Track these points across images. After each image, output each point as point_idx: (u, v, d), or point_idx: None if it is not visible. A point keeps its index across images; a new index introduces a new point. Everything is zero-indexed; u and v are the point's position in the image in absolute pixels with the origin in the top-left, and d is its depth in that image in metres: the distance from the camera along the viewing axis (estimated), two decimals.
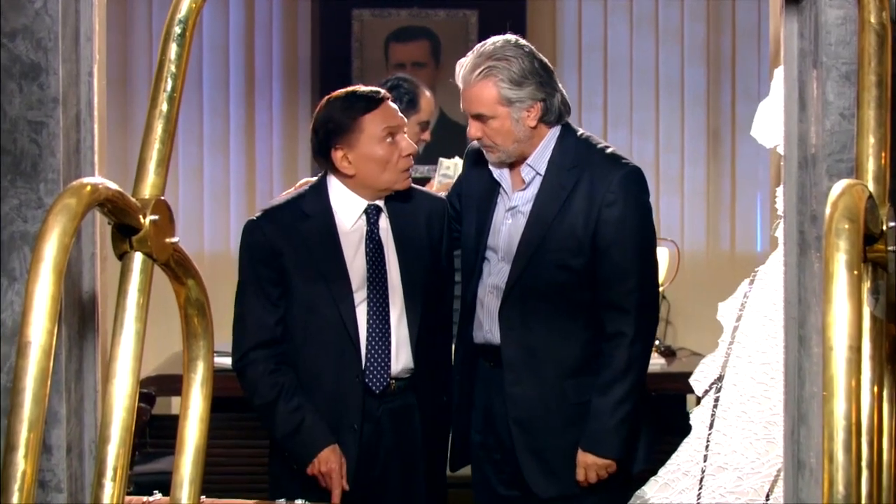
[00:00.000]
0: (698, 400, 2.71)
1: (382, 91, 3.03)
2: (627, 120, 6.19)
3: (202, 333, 1.91)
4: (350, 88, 3.04)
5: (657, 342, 5.30)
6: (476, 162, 3.18)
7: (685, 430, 2.84)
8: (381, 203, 3.04)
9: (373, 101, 2.98)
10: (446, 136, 5.97)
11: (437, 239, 3.12)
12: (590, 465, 2.95)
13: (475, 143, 3.19)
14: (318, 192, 3.05)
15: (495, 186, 3.11)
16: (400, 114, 3.02)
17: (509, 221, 3.05)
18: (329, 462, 2.89)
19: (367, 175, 2.98)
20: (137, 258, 1.57)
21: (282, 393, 2.93)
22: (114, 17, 5.96)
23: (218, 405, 3.63)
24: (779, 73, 2.56)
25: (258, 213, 3.05)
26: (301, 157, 6.09)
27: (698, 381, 2.68)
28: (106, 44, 5.97)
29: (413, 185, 3.14)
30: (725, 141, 6.17)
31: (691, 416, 2.72)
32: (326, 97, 3.04)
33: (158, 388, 4.65)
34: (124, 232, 1.57)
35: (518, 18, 5.94)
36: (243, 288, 3.01)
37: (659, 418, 3.25)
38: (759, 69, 6.11)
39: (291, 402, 2.93)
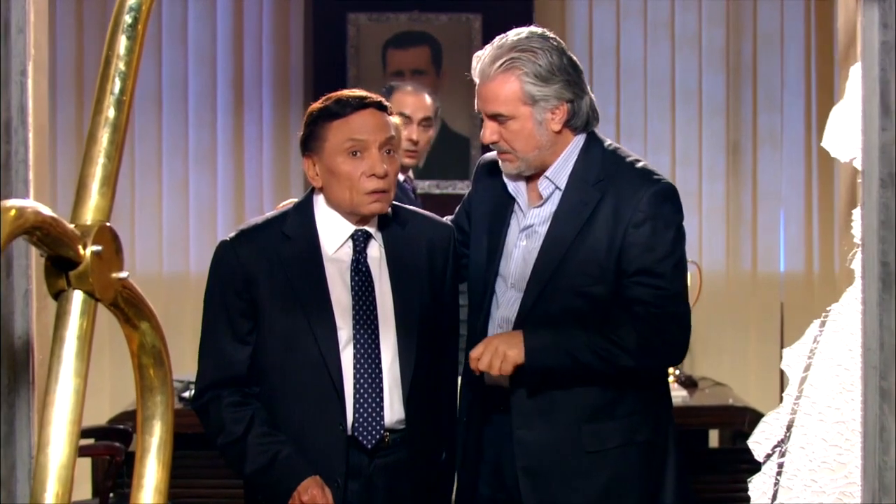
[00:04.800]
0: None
1: (371, 98, 2.74)
2: (642, 132, 6.04)
3: (159, 387, 1.63)
4: (344, 91, 2.78)
5: (677, 372, 5.01)
6: (488, 175, 2.94)
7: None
8: (371, 229, 2.77)
9: (347, 108, 2.70)
10: (449, 149, 5.77)
11: (441, 271, 2.84)
12: (498, 342, 2.67)
13: (487, 155, 2.97)
14: (303, 213, 2.78)
15: (509, 203, 2.86)
16: (388, 130, 2.72)
17: (523, 243, 2.81)
18: (311, 489, 2.61)
19: (333, 192, 2.72)
20: (76, 297, 1.35)
21: (252, 425, 2.68)
22: (92, 9, 5.79)
23: (196, 442, 3.36)
24: (855, 72, 2.20)
25: (232, 234, 2.79)
26: (293, 173, 5.96)
27: (759, 444, 2.30)
28: (84, 41, 5.70)
29: (413, 208, 2.90)
30: (746, 154, 6.03)
31: (749, 485, 2.33)
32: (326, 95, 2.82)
33: (135, 424, 4.36)
34: (60, 266, 1.35)
35: (524, 22, 5.69)
36: (209, 318, 2.77)
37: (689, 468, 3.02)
38: (782, 76, 6.00)
39: (263, 435, 2.68)
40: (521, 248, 2.81)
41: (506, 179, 2.85)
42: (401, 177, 3.97)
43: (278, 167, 5.97)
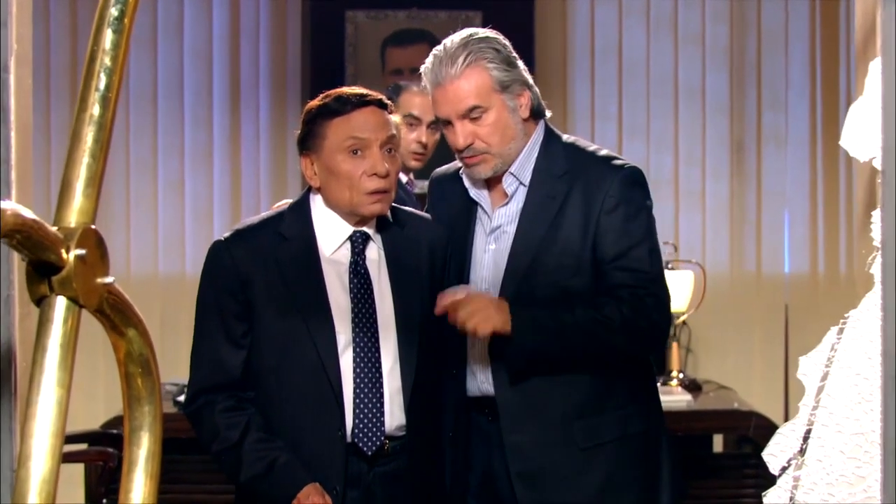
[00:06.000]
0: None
1: (371, 95, 2.67)
2: (644, 130, 5.94)
3: (147, 397, 1.57)
4: (344, 88, 2.71)
5: (680, 375, 4.94)
6: (441, 190, 2.94)
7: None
8: (370, 230, 2.70)
9: (348, 105, 2.64)
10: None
11: (441, 272, 2.79)
12: (482, 304, 2.61)
13: (438, 170, 3.03)
14: (299, 213, 2.71)
15: (471, 210, 2.84)
16: (389, 129, 2.66)
17: (493, 246, 2.79)
18: (312, 496, 2.54)
19: (332, 192, 2.66)
20: (60, 304, 1.30)
21: (248, 431, 2.61)
22: (87, 6, 5.70)
23: (191, 447, 3.27)
24: (874, 68, 2.11)
25: (227, 234, 2.72)
26: (290, 172, 5.86)
27: (774, 456, 2.21)
28: (78, 39, 5.62)
29: (411, 209, 2.86)
30: (750, 153, 5.92)
31: (764, 499, 2.24)
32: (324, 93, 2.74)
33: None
34: (42, 271, 1.31)
35: (525, 19, 5.85)
36: (202, 320, 2.70)
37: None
38: (786, 75, 5.89)
39: (260, 441, 2.61)
40: (491, 252, 2.78)
41: (467, 185, 2.83)
42: (403, 178, 3.88)
43: (275, 166, 5.87)
